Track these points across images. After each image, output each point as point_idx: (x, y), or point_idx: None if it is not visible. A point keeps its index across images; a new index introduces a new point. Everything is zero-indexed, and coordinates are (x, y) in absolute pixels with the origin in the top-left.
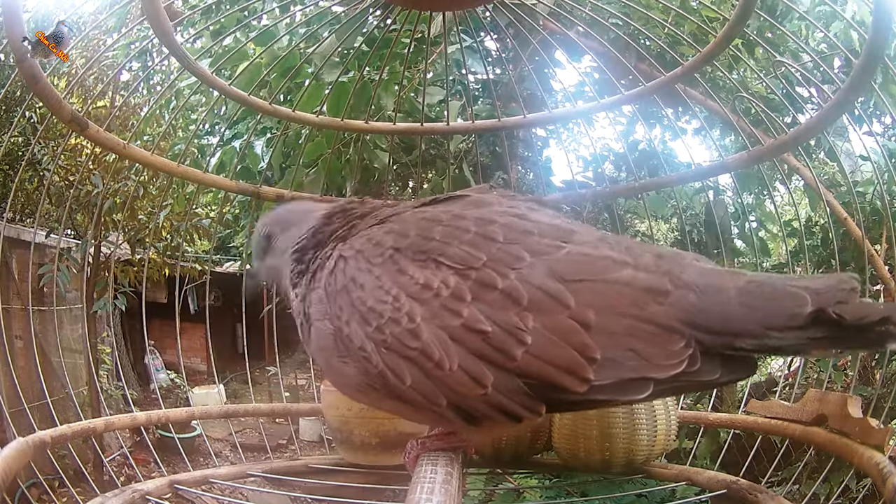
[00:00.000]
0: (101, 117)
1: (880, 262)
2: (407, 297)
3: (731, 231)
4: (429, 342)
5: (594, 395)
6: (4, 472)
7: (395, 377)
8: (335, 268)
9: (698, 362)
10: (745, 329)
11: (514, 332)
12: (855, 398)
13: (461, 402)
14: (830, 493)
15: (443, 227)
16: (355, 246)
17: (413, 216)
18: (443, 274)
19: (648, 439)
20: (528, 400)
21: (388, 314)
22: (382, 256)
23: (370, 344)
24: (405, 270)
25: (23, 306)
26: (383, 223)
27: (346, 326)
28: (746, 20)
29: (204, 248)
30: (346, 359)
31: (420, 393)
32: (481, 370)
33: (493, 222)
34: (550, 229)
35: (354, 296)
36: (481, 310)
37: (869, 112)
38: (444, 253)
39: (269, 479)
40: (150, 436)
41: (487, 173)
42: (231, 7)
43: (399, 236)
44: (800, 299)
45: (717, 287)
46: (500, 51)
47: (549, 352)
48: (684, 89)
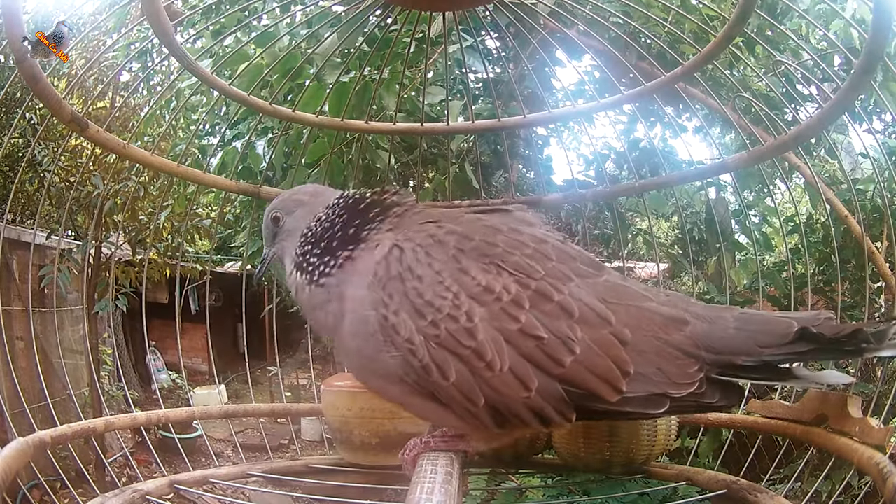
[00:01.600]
0: (101, 118)
1: (881, 260)
2: (467, 296)
3: (732, 229)
4: (484, 342)
5: (623, 407)
6: (4, 472)
7: (440, 373)
8: (389, 255)
9: (705, 386)
10: (742, 349)
11: (566, 340)
12: (855, 398)
13: (500, 404)
14: (832, 491)
15: (505, 237)
16: (414, 239)
17: (474, 221)
18: (504, 280)
19: (649, 439)
20: (564, 406)
21: (447, 310)
22: (446, 254)
23: (419, 337)
24: (468, 271)
25: (24, 307)
26: (440, 223)
27: (393, 316)
28: (747, 19)
29: (204, 248)
30: (385, 348)
31: (461, 391)
32: (529, 374)
33: (546, 242)
34: (587, 259)
35: (409, 286)
36: (538, 318)
37: (869, 110)
38: (508, 261)
39: (269, 479)
40: (150, 436)
41: (488, 172)
42: (231, 7)
43: (462, 238)
44: (787, 323)
45: (719, 317)
46: (501, 50)
47: (592, 362)
48: (685, 88)
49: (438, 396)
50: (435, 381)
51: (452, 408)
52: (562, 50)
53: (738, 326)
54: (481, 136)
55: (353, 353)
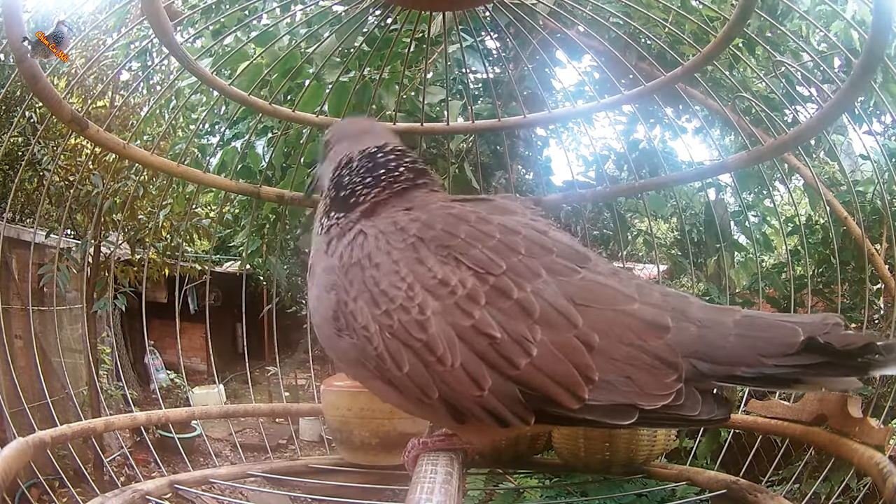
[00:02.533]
0: (101, 117)
1: (880, 261)
2: (422, 288)
3: (731, 230)
4: (435, 336)
5: (584, 415)
6: (4, 472)
7: (393, 362)
8: (353, 241)
9: (683, 397)
10: (742, 358)
11: (522, 342)
12: (855, 398)
13: (454, 399)
14: (831, 493)
15: (469, 227)
16: (378, 226)
17: (440, 209)
18: (461, 273)
19: (649, 439)
20: (520, 408)
21: (400, 301)
22: (405, 242)
23: (374, 325)
24: (424, 261)
25: (23, 306)
26: (409, 210)
27: (352, 302)
28: (747, 20)
29: (204, 247)
30: (344, 332)
31: (414, 382)
32: (482, 373)
33: (517, 233)
34: (568, 251)
35: (367, 274)
36: (493, 315)
37: (869, 111)
38: (467, 253)
39: (269, 479)
40: (150, 436)
41: (488, 172)
42: (231, 7)
43: (424, 226)
44: (792, 330)
45: (717, 321)
46: (501, 50)
47: (551, 366)
48: (684, 89)
49: (396, 385)
50: (390, 370)
51: (408, 397)
52: (562, 50)
53: (739, 333)
54: (481, 136)
55: (318, 332)
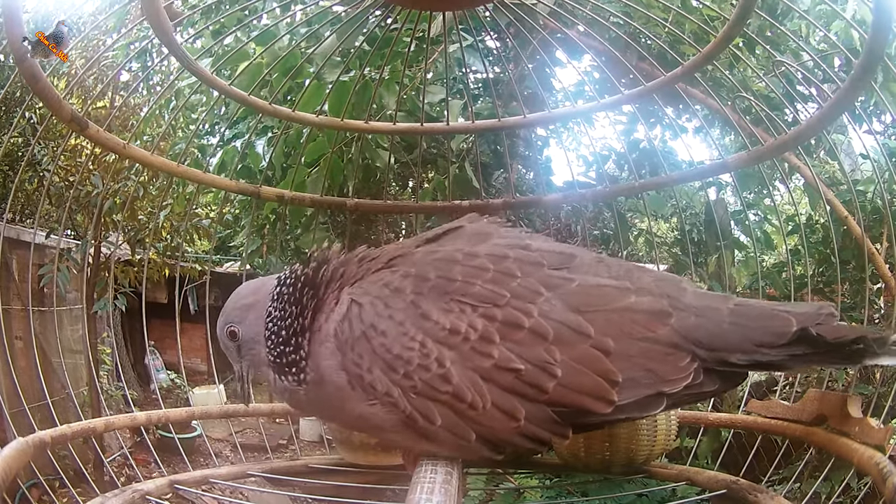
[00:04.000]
0: (101, 117)
1: (881, 261)
2: (434, 342)
3: (732, 230)
4: (460, 385)
5: (617, 415)
6: (4, 472)
7: (425, 420)
8: (348, 314)
9: (701, 375)
10: (737, 346)
11: (545, 366)
12: (855, 397)
13: (491, 436)
14: (832, 492)
15: (462, 267)
16: (370, 291)
17: (426, 256)
18: (469, 317)
19: (649, 439)
20: (556, 426)
21: (417, 361)
22: (404, 302)
23: (397, 389)
24: (429, 316)
25: (23, 307)
26: (392, 266)
27: (367, 374)
28: (746, 19)
29: (204, 248)
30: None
31: (450, 432)
32: (514, 405)
33: (506, 258)
34: (555, 258)
35: (376, 343)
36: (511, 349)
37: (869, 111)
38: (468, 293)
39: (269, 479)
40: (150, 436)
41: (488, 172)
42: (231, 7)
43: (418, 280)
44: (785, 320)
45: (712, 308)
46: (501, 50)
47: (576, 381)
48: (685, 88)
49: (431, 438)
50: (423, 427)
51: (448, 446)
52: (562, 50)
53: (734, 321)
54: (481, 136)
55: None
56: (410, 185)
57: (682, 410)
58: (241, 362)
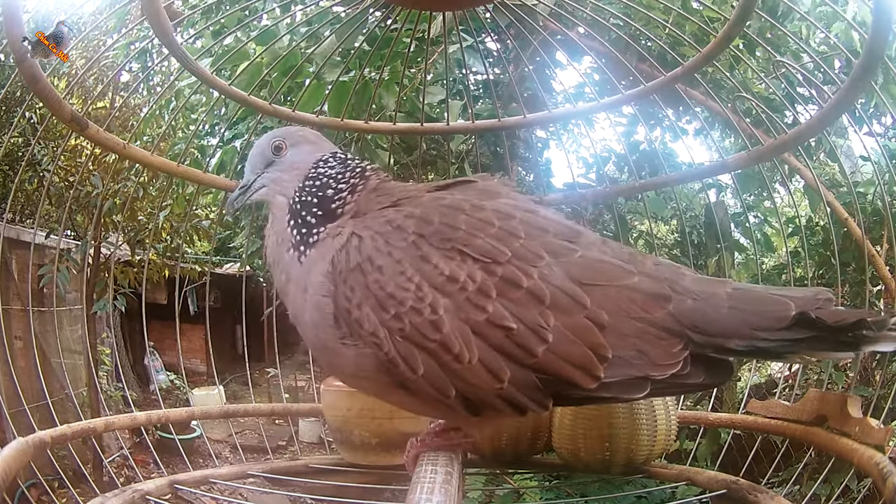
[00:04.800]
0: (101, 118)
1: (881, 262)
2: (430, 287)
3: (732, 232)
4: (450, 335)
5: (601, 393)
6: (4, 472)
7: (407, 366)
8: (347, 244)
9: (689, 366)
10: (735, 331)
11: (538, 330)
12: (855, 398)
13: (472, 394)
14: (831, 494)
15: (466, 217)
16: (372, 226)
17: (432, 201)
18: (469, 267)
19: (648, 440)
20: (538, 394)
21: (410, 303)
22: (405, 241)
23: (383, 330)
24: (429, 259)
25: (23, 307)
26: (399, 205)
27: (356, 309)
28: (746, 20)
29: (204, 249)
30: (346, 341)
31: (430, 383)
32: (500, 365)
33: (513, 217)
34: (562, 228)
35: (371, 278)
36: (506, 306)
37: (869, 112)
38: (470, 244)
39: (269, 479)
40: (149, 436)
41: (488, 173)
42: (231, 7)
43: (422, 222)
44: (784, 304)
45: (710, 293)
46: (501, 51)
47: (567, 349)
48: (685, 89)
49: (409, 388)
50: (403, 374)
51: (423, 398)
52: (562, 51)
53: (733, 306)
54: (481, 136)
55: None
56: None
57: (683, 411)
58: (260, 175)
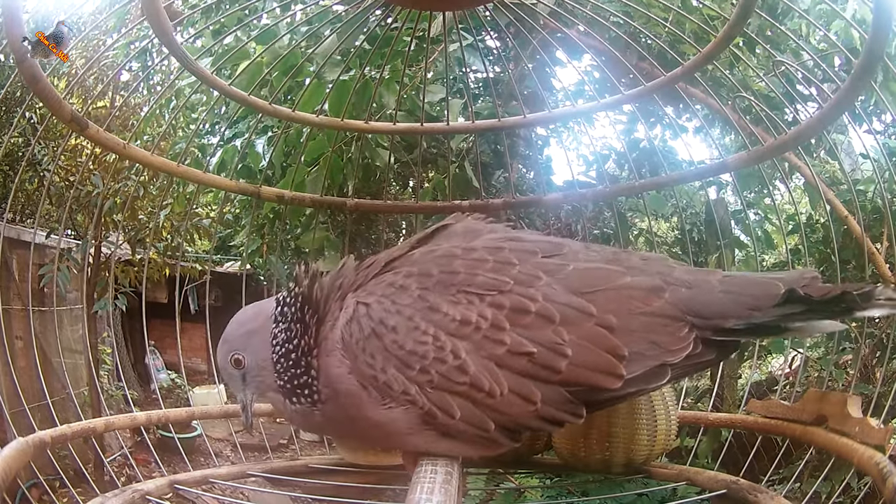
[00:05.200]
0: (101, 117)
1: (881, 260)
2: (447, 335)
3: (732, 229)
4: (477, 374)
5: (626, 389)
6: (4, 472)
7: (444, 414)
8: (355, 315)
9: (700, 345)
10: (731, 312)
11: (556, 347)
12: (855, 398)
13: (510, 423)
14: (832, 492)
15: (462, 261)
16: (375, 292)
17: (426, 255)
18: (477, 306)
19: (649, 439)
20: (571, 406)
21: (432, 354)
22: (412, 297)
23: (413, 386)
24: (439, 308)
25: (23, 307)
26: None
27: (382, 374)
28: (747, 19)
29: (204, 247)
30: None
31: (469, 424)
32: (530, 389)
33: (502, 249)
34: (546, 245)
35: (388, 340)
36: (522, 333)
37: (869, 111)
38: (473, 283)
39: (269, 478)
40: (150, 436)
41: (488, 172)
42: (231, 7)
43: (422, 276)
44: (773, 284)
45: (702, 280)
46: (501, 50)
47: (586, 358)
48: (685, 88)
49: (450, 434)
50: (442, 422)
51: (465, 440)
52: (562, 50)
53: (725, 290)
54: (481, 135)
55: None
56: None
57: (683, 410)
58: (245, 390)
